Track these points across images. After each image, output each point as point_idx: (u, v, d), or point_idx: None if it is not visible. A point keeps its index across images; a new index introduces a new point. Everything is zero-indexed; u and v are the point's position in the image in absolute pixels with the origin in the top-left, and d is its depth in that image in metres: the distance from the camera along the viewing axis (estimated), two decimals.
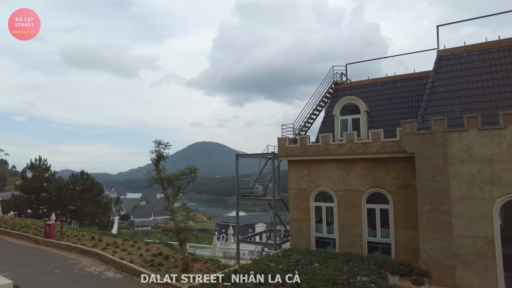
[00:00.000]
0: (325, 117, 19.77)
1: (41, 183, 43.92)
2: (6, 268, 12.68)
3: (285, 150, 18.48)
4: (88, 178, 45.54)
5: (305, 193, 18.11)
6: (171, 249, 16.52)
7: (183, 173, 13.74)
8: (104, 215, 45.55)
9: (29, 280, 11.41)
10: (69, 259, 14.47)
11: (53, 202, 44.61)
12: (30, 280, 11.52)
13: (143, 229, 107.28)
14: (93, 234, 18.45)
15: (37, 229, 19.26)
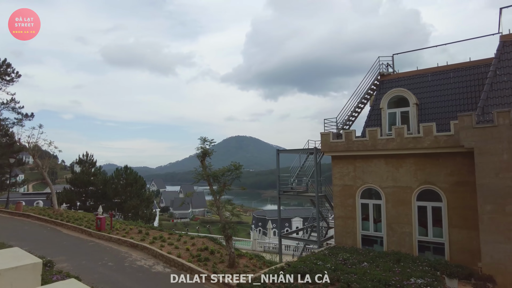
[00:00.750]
0: (371, 111, 18.96)
1: (89, 177, 46.33)
2: (66, 258, 13.40)
3: (329, 146, 17.96)
4: (132, 172, 47.37)
5: (350, 190, 17.53)
6: (215, 243, 16.70)
7: (228, 169, 13.75)
8: (147, 208, 47.27)
9: (87, 271, 11.95)
10: (120, 252, 15.03)
11: (99, 195, 46.95)
12: (88, 271, 12.05)
13: (182, 221, 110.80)
14: (140, 228, 19.09)
15: (89, 222, 20.26)
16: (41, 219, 20.87)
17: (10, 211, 22.66)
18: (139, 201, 45.97)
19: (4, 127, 48.86)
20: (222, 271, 12.42)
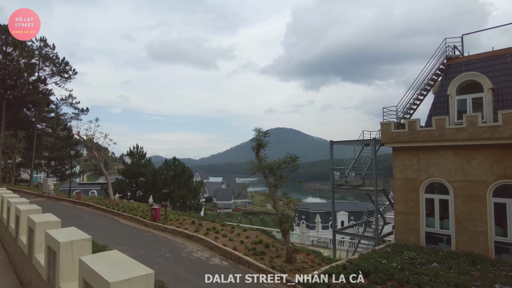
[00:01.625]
0: (436, 98, 17.37)
1: (139, 169, 48.24)
2: (126, 248, 13.70)
3: (390, 136, 16.75)
4: (180, 163, 48.59)
5: (413, 183, 16.26)
6: (269, 237, 16.31)
7: (284, 162, 13.20)
8: (194, 198, 48.36)
9: (146, 262, 11.95)
10: (176, 243, 15.13)
11: (149, 185, 48.79)
12: (146, 262, 12.08)
13: (224, 211, 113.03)
14: (192, 219, 19.24)
15: (143, 212, 20.81)
16: (99, 209, 21.83)
17: (72, 200, 23.98)
18: (187, 191, 47.15)
19: (63, 121, 52.30)
20: (280, 266, 11.97)
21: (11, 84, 42.85)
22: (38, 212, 5.20)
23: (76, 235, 3.59)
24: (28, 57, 43.54)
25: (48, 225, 4.18)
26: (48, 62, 46.14)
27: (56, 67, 46.90)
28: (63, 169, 57.31)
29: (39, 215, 4.81)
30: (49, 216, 4.85)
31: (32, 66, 43.83)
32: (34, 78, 45.62)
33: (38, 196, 24.90)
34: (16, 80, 43.44)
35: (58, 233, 3.59)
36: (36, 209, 5.75)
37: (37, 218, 4.54)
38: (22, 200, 6.68)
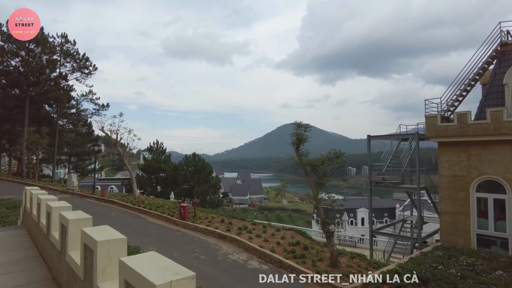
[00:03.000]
0: (488, 88, 15.94)
1: (159, 164, 47.97)
2: (157, 248, 12.97)
3: (436, 130, 15.48)
4: (200, 159, 48.10)
5: (462, 181, 14.98)
6: (305, 237, 15.41)
7: (327, 158, 12.18)
8: (214, 194, 47.84)
9: (181, 264, 11.27)
10: (209, 243, 14.35)
11: (169, 181, 48.52)
12: (181, 264, 11.37)
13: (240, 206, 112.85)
14: (222, 217, 18.47)
15: (170, 210, 20.17)
16: (125, 206, 21.30)
17: (97, 197, 23.57)
18: (207, 187, 46.65)
19: (83, 117, 52.56)
20: (326, 271, 11.01)
21: (34, 80, 43.08)
22: (69, 209, 5.01)
23: (112, 234, 3.56)
24: (50, 53, 43.69)
25: (81, 223, 4.17)
26: (69, 58, 46.24)
27: (77, 63, 46.98)
28: (83, 165, 57.82)
29: (71, 212, 4.67)
30: (80, 213, 4.64)
31: (54, 62, 43.96)
32: (56, 74, 45.81)
33: (63, 192, 24.63)
34: (38, 76, 43.66)
35: (94, 231, 3.56)
36: (67, 206, 5.20)
37: (69, 215, 4.37)
38: (51, 197, 6.28)
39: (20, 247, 6.02)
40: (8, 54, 40.86)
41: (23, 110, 41.53)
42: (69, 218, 4.09)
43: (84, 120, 53.37)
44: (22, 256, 5.49)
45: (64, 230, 4.38)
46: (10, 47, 41.00)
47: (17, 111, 43.20)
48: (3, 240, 6.57)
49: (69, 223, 4.27)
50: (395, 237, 19.98)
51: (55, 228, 4.80)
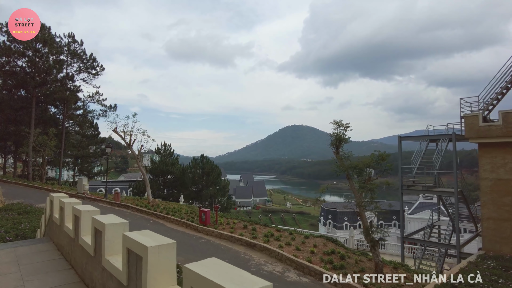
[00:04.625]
0: None
1: (167, 167, 47.00)
2: (184, 258, 11.96)
3: (477, 130, 14.41)
4: (208, 161, 47.14)
5: (508, 185, 13.92)
6: (337, 245, 14.38)
7: (373, 160, 11.13)
8: (223, 196, 46.83)
9: None
10: (238, 253, 13.31)
11: (177, 184, 47.54)
12: None
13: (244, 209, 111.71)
14: (244, 222, 17.46)
15: (188, 214, 19.16)
16: (140, 211, 20.25)
17: (109, 201, 22.55)
18: (216, 189, 45.66)
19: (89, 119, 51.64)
20: (375, 285, 9.95)
21: (40, 81, 42.23)
22: (97, 213, 4.69)
23: (159, 239, 3.26)
24: (57, 53, 42.85)
25: (118, 227, 3.88)
26: (76, 59, 45.36)
27: (84, 64, 46.09)
28: (89, 167, 56.86)
29: (104, 216, 4.26)
30: (114, 217, 4.24)
31: (61, 63, 43.12)
32: (63, 75, 44.94)
33: (73, 196, 23.56)
34: (45, 77, 42.81)
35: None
36: (123, 222, 4.25)
37: (104, 219, 3.99)
38: (92, 209, 5.46)
39: (53, 268, 5.01)
40: (15, 54, 40.03)
41: (29, 112, 40.67)
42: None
43: (90, 122, 52.44)
44: (60, 282, 4.48)
45: (98, 235, 3.82)
46: (16, 47, 40.18)
47: (23, 112, 42.36)
48: (30, 258, 5.55)
49: (106, 227, 3.69)
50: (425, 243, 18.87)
51: (111, 251, 3.76)
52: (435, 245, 18.70)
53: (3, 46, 39.70)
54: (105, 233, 3.67)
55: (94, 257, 4.09)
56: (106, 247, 3.70)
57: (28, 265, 5.18)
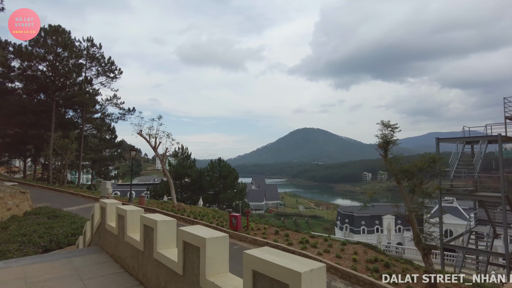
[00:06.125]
0: None
1: (185, 170, 46.77)
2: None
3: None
4: (225, 165, 46.76)
5: None
6: (377, 252, 13.69)
7: (425, 163, 10.43)
8: (240, 200, 46.34)
9: None
10: None
11: (195, 187, 47.26)
12: None
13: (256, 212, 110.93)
14: (275, 228, 16.90)
15: (216, 219, 18.72)
16: (168, 215, 19.84)
17: (134, 205, 22.22)
18: (234, 193, 45.20)
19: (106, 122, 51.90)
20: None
21: (60, 85, 42.56)
22: (174, 224, 4.40)
23: None
24: (76, 57, 43.15)
25: (219, 242, 3.47)
26: (94, 62, 45.60)
27: (102, 67, 46.29)
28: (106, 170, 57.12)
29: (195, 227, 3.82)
30: (207, 230, 3.92)
31: (80, 66, 43.38)
32: (81, 78, 45.22)
33: (97, 200, 23.37)
34: (64, 81, 43.14)
35: None
36: (171, 220, 4.34)
37: (198, 231, 3.62)
38: (137, 208, 5.36)
39: (120, 284, 4.54)
40: (37, 58, 40.42)
41: (49, 115, 40.95)
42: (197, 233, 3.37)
43: (108, 125, 52.67)
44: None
45: (187, 249, 3.49)
46: (38, 52, 40.57)
47: (43, 116, 42.68)
48: (90, 271, 5.09)
49: (205, 242, 3.36)
50: (464, 250, 17.94)
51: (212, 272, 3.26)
52: (479, 253, 17.75)
53: (25, 51, 40.12)
54: (207, 248, 3.21)
55: (183, 276, 3.60)
56: (207, 266, 3.21)
57: (92, 279, 4.72)
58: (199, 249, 3.27)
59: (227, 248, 3.39)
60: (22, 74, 42.09)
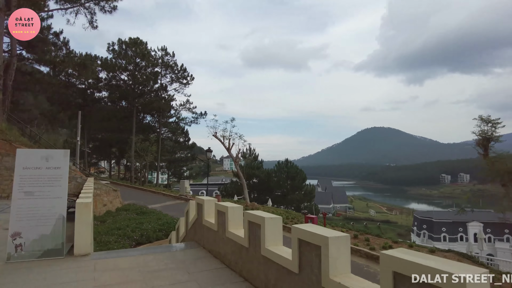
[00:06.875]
0: None
1: (253, 170, 47.59)
2: None
3: None
4: (293, 166, 46.51)
5: None
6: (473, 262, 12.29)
7: None
8: (309, 202, 45.67)
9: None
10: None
11: (263, 188, 47.83)
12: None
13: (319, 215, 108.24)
14: (354, 232, 16.13)
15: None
16: None
17: None
18: (302, 194, 44.74)
19: (180, 126, 55.19)
20: None
21: (139, 92, 46.39)
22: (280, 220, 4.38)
23: None
24: (153, 66, 46.66)
25: (339, 240, 3.31)
26: (168, 70, 48.75)
27: (175, 74, 49.28)
28: (181, 171, 60.79)
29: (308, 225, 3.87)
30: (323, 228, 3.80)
31: (156, 74, 46.79)
32: (157, 85, 48.73)
33: (176, 198, 24.86)
34: (142, 88, 46.93)
35: None
36: (277, 217, 4.29)
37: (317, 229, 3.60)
38: (236, 205, 5.32)
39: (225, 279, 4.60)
40: (120, 69, 44.60)
41: (130, 121, 44.80)
42: None
43: (181, 129, 55.97)
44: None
45: None
46: (120, 63, 44.74)
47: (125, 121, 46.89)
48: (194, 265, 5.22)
49: None
50: None
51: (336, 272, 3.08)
52: None
53: (110, 63, 44.55)
54: (330, 247, 3.05)
55: (299, 274, 3.47)
56: (330, 265, 3.04)
57: (197, 273, 4.84)
58: (320, 248, 3.16)
59: (349, 248, 3.24)
60: (108, 84, 46.75)
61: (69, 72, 38.87)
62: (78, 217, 5.64)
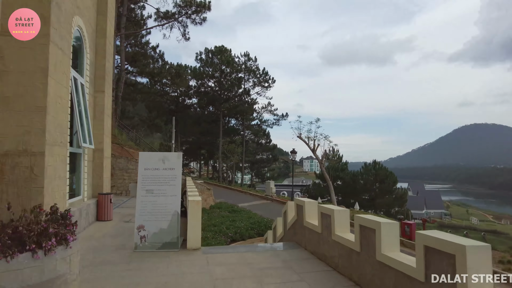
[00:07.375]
0: None
1: (336, 172, 46.24)
2: None
3: None
4: (381, 168, 43.91)
5: None
6: None
7: None
8: (401, 207, 42.56)
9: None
10: None
11: (347, 190, 46.11)
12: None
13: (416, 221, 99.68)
14: None
15: None
16: None
17: None
18: (392, 199, 41.90)
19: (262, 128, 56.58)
20: None
21: (224, 97, 48.94)
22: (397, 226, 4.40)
23: None
24: (237, 72, 48.76)
25: None
26: (251, 74, 50.36)
27: (257, 78, 50.66)
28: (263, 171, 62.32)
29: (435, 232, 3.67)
30: None
31: (240, 80, 48.81)
32: (241, 90, 50.77)
33: (262, 198, 25.55)
34: (228, 93, 49.38)
35: None
36: (394, 222, 4.15)
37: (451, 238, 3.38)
38: (341, 208, 5.33)
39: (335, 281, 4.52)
40: (207, 77, 47.68)
41: (217, 124, 47.51)
42: None
43: (264, 131, 57.36)
44: None
45: None
46: (207, 71, 47.80)
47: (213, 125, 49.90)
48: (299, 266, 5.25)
49: None
50: None
51: None
52: None
53: (198, 72, 47.92)
54: (467, 258, 2.81)
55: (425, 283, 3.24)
56: (469, 277, 2.78)
57: (305, 273, 4.86)
58: (454, 256, 2.95)
59: (489, 260, 2.99)
60: (197, 91, 50.30)
61: (163, 81, 43.12)
62: (191, 213, 6.15)
